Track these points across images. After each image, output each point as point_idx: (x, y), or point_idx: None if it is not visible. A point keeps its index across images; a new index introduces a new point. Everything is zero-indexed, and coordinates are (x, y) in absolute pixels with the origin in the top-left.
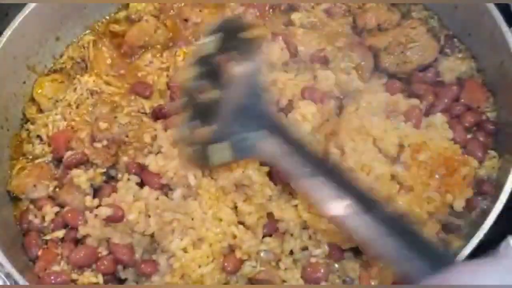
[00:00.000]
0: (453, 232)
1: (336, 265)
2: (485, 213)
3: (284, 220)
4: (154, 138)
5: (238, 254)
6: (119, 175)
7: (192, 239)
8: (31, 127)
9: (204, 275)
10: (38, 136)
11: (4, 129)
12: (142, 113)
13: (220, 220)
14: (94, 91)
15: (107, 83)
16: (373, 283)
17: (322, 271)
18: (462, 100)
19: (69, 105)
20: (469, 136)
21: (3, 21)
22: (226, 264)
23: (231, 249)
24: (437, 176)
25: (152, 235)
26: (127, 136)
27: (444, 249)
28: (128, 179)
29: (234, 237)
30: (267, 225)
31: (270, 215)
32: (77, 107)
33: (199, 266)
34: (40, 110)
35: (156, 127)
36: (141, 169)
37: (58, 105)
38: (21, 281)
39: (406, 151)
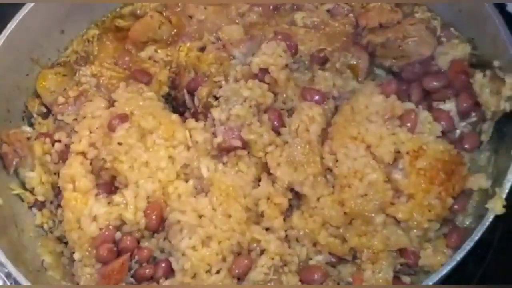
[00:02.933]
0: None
1: (334, 270)
2: None
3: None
4: None
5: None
6: None
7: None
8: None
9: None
10: None
11: (7, 121)
12: None
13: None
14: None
15: (108, 69)
16: None
17: (319, 274)
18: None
19: None
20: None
21: (5, 16)
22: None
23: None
24: (436, 183)
25: None
26: None
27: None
28: None
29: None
30: None
31: None
32: None
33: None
34: (42, 104)
35: None
36: None
37: None
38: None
39: (405, 159)
